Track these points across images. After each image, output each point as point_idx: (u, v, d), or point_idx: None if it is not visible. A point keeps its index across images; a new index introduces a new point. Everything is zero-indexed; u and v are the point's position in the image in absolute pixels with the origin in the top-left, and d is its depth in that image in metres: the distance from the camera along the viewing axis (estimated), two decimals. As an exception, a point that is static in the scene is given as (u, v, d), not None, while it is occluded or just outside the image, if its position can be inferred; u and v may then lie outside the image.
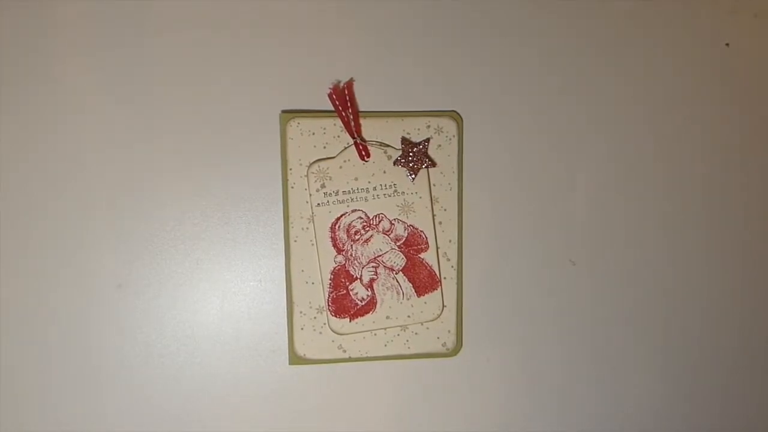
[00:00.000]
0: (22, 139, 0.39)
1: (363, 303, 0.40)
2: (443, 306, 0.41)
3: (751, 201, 0.44)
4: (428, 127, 0.40)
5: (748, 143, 0.43)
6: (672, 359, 0.44)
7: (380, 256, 0.40)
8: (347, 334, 0.40)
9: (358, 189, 0.40)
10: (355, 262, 0.40)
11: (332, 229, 0.40)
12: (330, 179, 0.39)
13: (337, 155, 0.39)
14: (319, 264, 0.40)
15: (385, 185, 0.40)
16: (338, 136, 0.39)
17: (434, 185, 0.40)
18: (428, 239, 0.40)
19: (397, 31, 0.40)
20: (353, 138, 0.39)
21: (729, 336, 0.44)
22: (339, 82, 0.40)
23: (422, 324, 0.41)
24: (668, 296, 0.44)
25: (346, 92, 0.39)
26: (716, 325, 0.44)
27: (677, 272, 0.43)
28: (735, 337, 0.44)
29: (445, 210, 0.40)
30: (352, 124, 0.39)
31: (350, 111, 0.39)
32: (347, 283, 0.40)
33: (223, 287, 0.41)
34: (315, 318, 0.40)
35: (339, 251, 0.40)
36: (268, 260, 0.41)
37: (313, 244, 0.40)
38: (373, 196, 0.40)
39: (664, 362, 0.44)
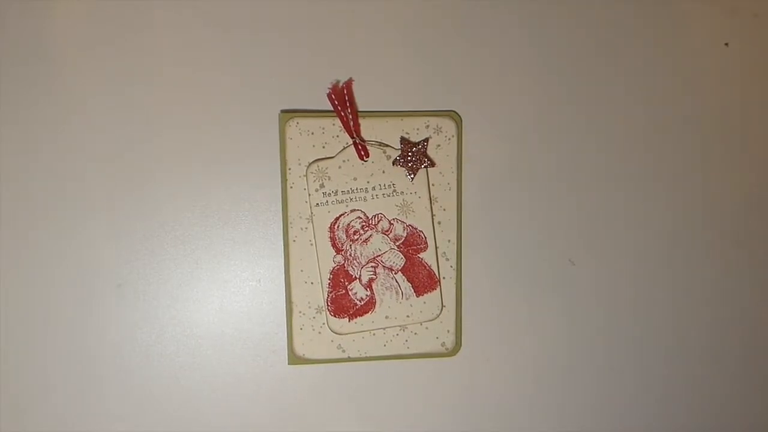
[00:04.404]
0: (22, 138, 0.39)
1: (362, 303, 0.40)
2: (442, 306, 0.41)
3: (751, 200, 0.43)
4: (427, 126, 0.40)
5: (748, 143, 0.43)
6: (672, 359, 0.44)
7: (379, 256, 0.40)
8: (346, 334, 0.40)
9: (357, 189, 0.40)
10: (354, 262, 0.40)
11: (331, 229, 0.40)
12: (329, 179, 0.39)
13: (336, 155, 0.39)
14: (318, 264, 0.40)
15: (384, 185, 0.40)
16: (337, 136, 0.39)
17: (433, 185, 0.40)
18: (427, 239, 0.40)
19: (396, 31, 0.40)
20: (352, 138, 0.39)
21: (729, 336, 0.44)
22: (338, 81, 0.40)
23: (421, 324, 0.41)
24: (668, 296, 0.44)
25: (345, 92, 0.39)
26: (717, 325, 0.44)
27: (677, 272, 0.43)
28: (736, 337, 0.44)
29: (444, 210, 0.40)
30: (351, 123, 0.39)
31: (349, 111, 0.39)
32: (346, 283, 0.40)
33: (223, 287, 0.41)
34: (314, 318, 0.40)
35: (338, 251, 0.40)
36: (268, 260, 0.41)
37: (312, 244, 0.40)
38: (372, 196, 0.40)
39: (664, 362, 0.44)
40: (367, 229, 0.40)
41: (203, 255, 0.40)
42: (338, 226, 0.40)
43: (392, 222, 0.40)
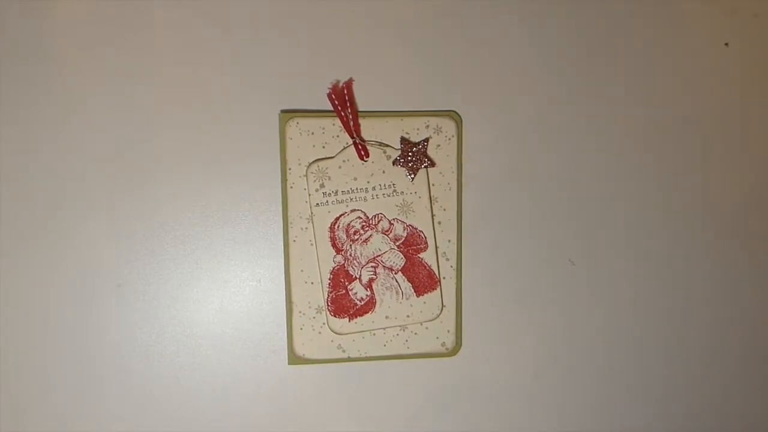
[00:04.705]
0: (23, 138, 0.39)
1: (362, 303, 0.40)
2: (442, 306, 0.41)
3: (751, 200, 0.43)
4: (427, 126, 0.40)
5: (748, 143, 0.43)
6: (672, 359, 0.44)
7: (379, 256, 0.40)
8: (346, 334, 0.40)
9: (357, 189, 0.40)
10: (354, 262, 0.40)
11: (331, 229, 0.40)
12: (329, 179, 0.39)
13: (337, 155, 0.39)
14: (318, 264, 0.40)
15: (384, 185, 0.40)
16: (337, 136, 0.39)
17: (433, 185, 0.40)
18: (427, 239, 0.40)
19: (396, 31, 0.40)
20: (352, 138, 0.39)
21: (729, 335, 0.44)
22: (338, 81, 0.40)
23: (421, 324, 0.41)
24: (668, 296, 0.44)
25: (346, 92, 0.39)
26: (716, 325, 0.44)
27: (677, 272, 0.43)
28: (735, 337, 0.44)
29: (444, 210, 0.40)
30: (352, 123, 0.39)
31: (349, 111, 0.39)
32: (346, 283, 0.40)
33: (223, 287, 0.41)
34: (314, 318, 0.40)
35: (338, 251, 0.40)
36: (268, 260, 0.41)
37: (312, 244, 0.40)
38: (372, 196, 0.40)
39: (663, 362, 0.44)
40: (367, 229, 0.40)
41: (203, 255, 0.40)
42: (338, 226, 0.40)
43: (392, 222, 0.40)
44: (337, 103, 0.39)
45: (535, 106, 0.41)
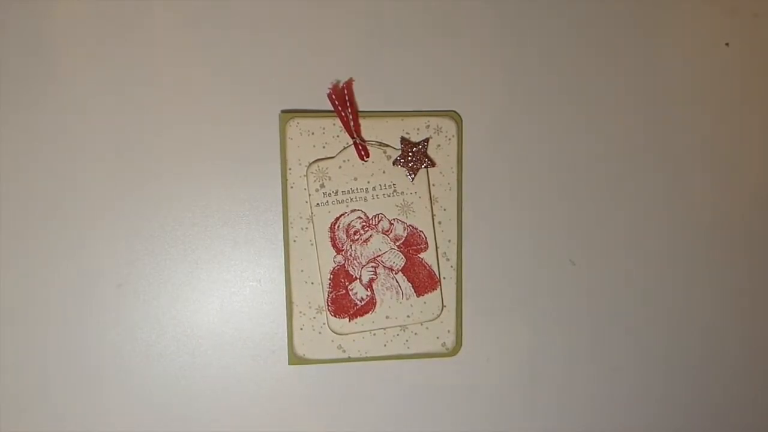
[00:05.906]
0: (23, 139, 0.39)
1: (362, 303, 0.40)
2: (443, 306, 0.41)
3: (751, 200, 0.43)
4: (428, 126, 0.40)
5: (748, 143, 0.43)
6: (672, 359, 0.44)
7: (379, 256, 0.40)
8: (347, 334, 0.40)
9: (357, 189, 0.40)
10: (355, 262, 0.40)
11: (331, 229, 0.40)
12: (329, 179, 0.39)
13: (337, 155, 0.39)
14: (318, 264, 0.40)
15: (385, 185, 0.40)
16: (337, 136, 0.39)
17: (434, 185, 0.40)
18: (428, 239, 0.40)
19: (396, 31, 0.40)
20: (352, 138, 0.39)
21: (729, 336, 0.44)
22: (338, 81, 0.40)
23: (422, 324, 0.41)
24: (668, 296, 0.44)
25: (346, 92, 0.39)
26: (716, 325, 0.44)
27: (677, 272, 0.43)
28: (735, 337, 0.44)
29: (444, 210, 0.40)
30: (352, 123, 0.39)
31: (350, 111, 0.39)
32: (347, 283, 0.40)
33: (223, 287, 0.41)
34: (314, 318, 0.40)
35: (338, 251, 0.40)
36: (268, 260, 0.41)
37: (312, 244, 0.40)
38: (373, 196, 0.40)
39: (663, 362, 0.44)
40: (367, 229, 0.40)
41: (203, 255, 0.40)
42: (339, 226, 0.40)
43: (392, 222, 0.40)
44: (337, 103, 0.39)
45: (535, 106, 0.41)
